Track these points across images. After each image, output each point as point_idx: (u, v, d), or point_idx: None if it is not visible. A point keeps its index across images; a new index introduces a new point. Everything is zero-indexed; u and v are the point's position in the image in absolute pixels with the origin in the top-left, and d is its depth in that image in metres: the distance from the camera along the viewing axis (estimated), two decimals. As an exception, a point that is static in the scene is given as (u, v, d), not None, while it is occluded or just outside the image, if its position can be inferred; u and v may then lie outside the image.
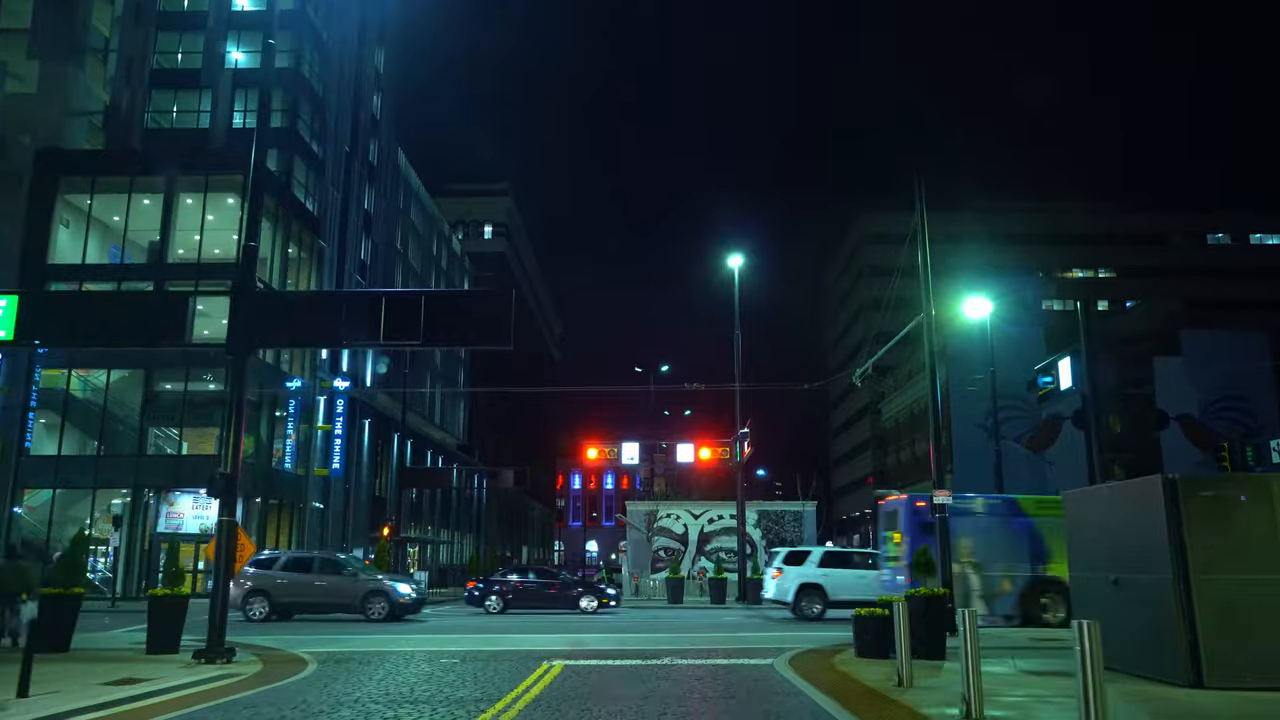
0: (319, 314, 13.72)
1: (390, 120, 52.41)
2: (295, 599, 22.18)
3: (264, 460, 36.24)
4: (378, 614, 21.48)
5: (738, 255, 30.72)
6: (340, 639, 16.10)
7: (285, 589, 22.17)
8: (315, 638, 16.34)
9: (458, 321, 13.26)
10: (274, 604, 21.99)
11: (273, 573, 22.47)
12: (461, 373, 74.29)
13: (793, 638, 16.42)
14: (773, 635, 17.26)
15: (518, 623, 20.90)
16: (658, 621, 21.95)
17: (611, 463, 30.81)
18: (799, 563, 23.64)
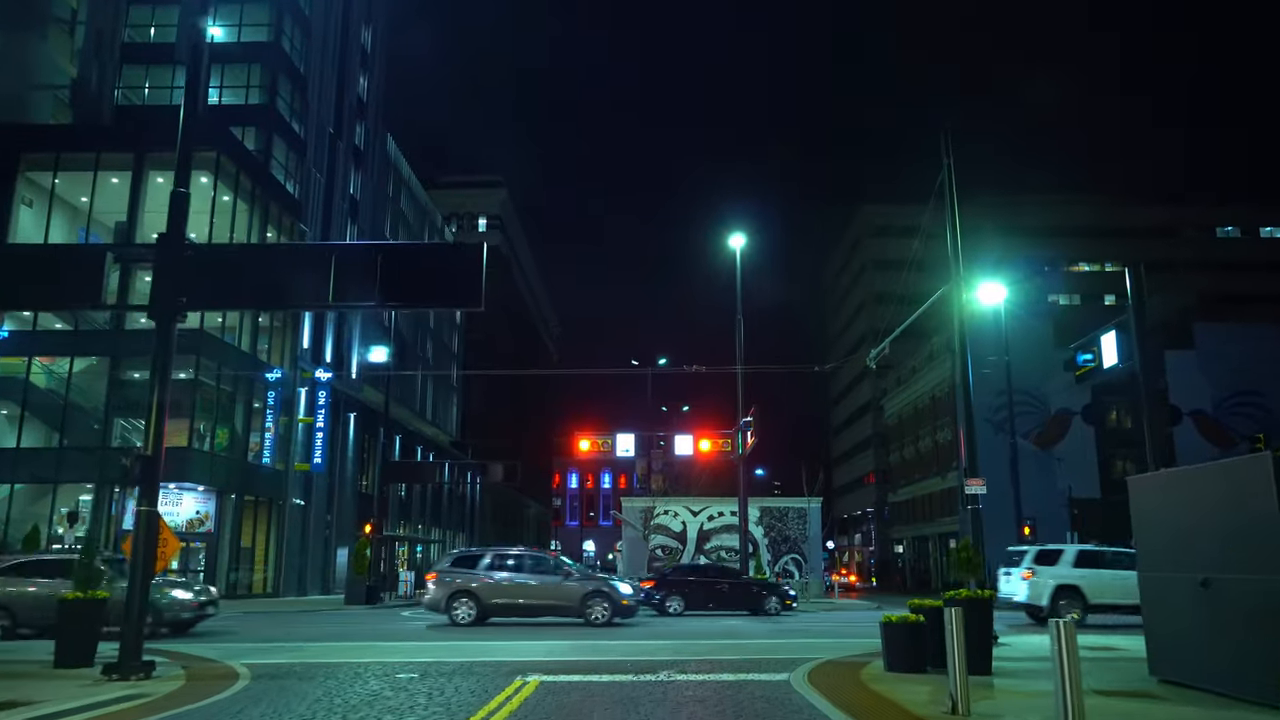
0: (257, 271, 11.81)
1: (378, 102, 50.51)
2: (506, 600, 19.66)
3: (239, 454, 34.36)
4: (600, 617, 18.76)
5: (739, 235, 28.89)
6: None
7: (495, 590, 19.64)
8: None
9: (421, 279, 11.38)
10: (482, 606, 19.54)
11: (478, 571, 19.97)
12: (454, 367, 72.42)
13: (806, 647, 14.58)
14: (782, 644, 15.40)
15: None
16: (656, 626, 20.09)
17: (605, 455, 28.90)
18: (1051, 562, 21.43)
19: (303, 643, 15.23)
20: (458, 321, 73.98)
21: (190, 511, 32.53)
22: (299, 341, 39.43)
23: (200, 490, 32.49)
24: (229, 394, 33.73)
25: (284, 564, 37.30)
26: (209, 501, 33.02)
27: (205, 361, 31.51)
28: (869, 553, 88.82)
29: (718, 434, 28.83)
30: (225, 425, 33.49)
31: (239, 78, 37.44)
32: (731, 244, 28.95)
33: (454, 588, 18.55)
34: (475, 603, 18.53)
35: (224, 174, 33.05)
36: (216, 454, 32.72)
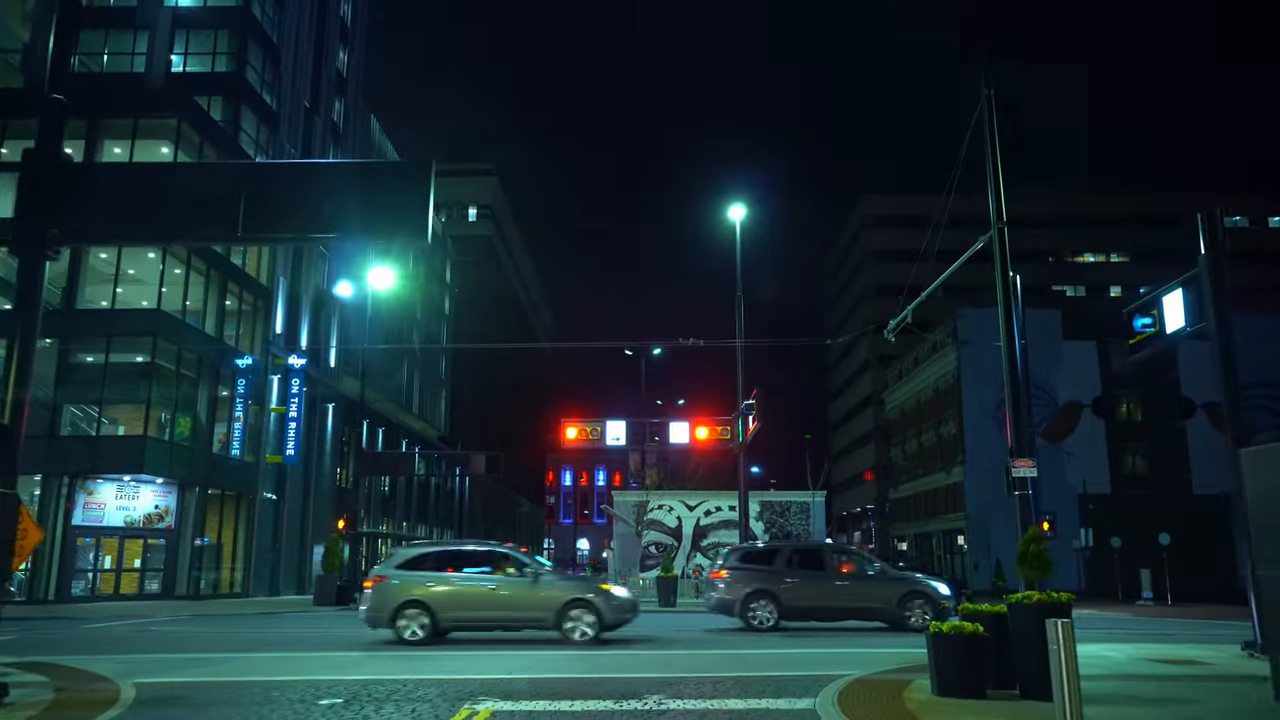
0: (151, 197, 9.51)
1: (359, 78, 48.19)
2: (809, 603, 17.40)
3: (203, 444, 32.07)
4: (919, 622, 16.15)
5: (739, 206, 26.67)
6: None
7: (796, 591, 17.34)
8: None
9: (357, 207, 9.14)
10: (783, 609, 17.22)
11: (775, 568, 17.70)
12: (443, 359, 70.15)
13: (823, 659, 12.39)
14: (795, 655, 13.19)
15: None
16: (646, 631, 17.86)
17: (594, 445, 26.58)
18: None
19: (232, 654, 13.00)
20: (446, 313, 71.71)
21: (148, 506, 30.23)
22: (271, 326, 37.16)
23: (159, 483, 30.21)
24: (191, 379, 31.43)
25: (254, 562, 35.03)
26: (169, 495, 30.74)
27: (163, 343, 29.23)
28: (869, 550, 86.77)
29: (715, 421, 26.62)
30: (187, 413, 31.20)
31: (205, 44, 35.14)
32: (731, 216, 26.76)
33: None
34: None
35: (186, 143, 30.75)
36: (177, 444, 30.43)
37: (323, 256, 42.34)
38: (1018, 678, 8.31)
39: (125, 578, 29.63)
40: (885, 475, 79.76)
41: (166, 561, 30.48)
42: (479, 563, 15.34)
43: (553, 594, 14.61)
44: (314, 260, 41.19)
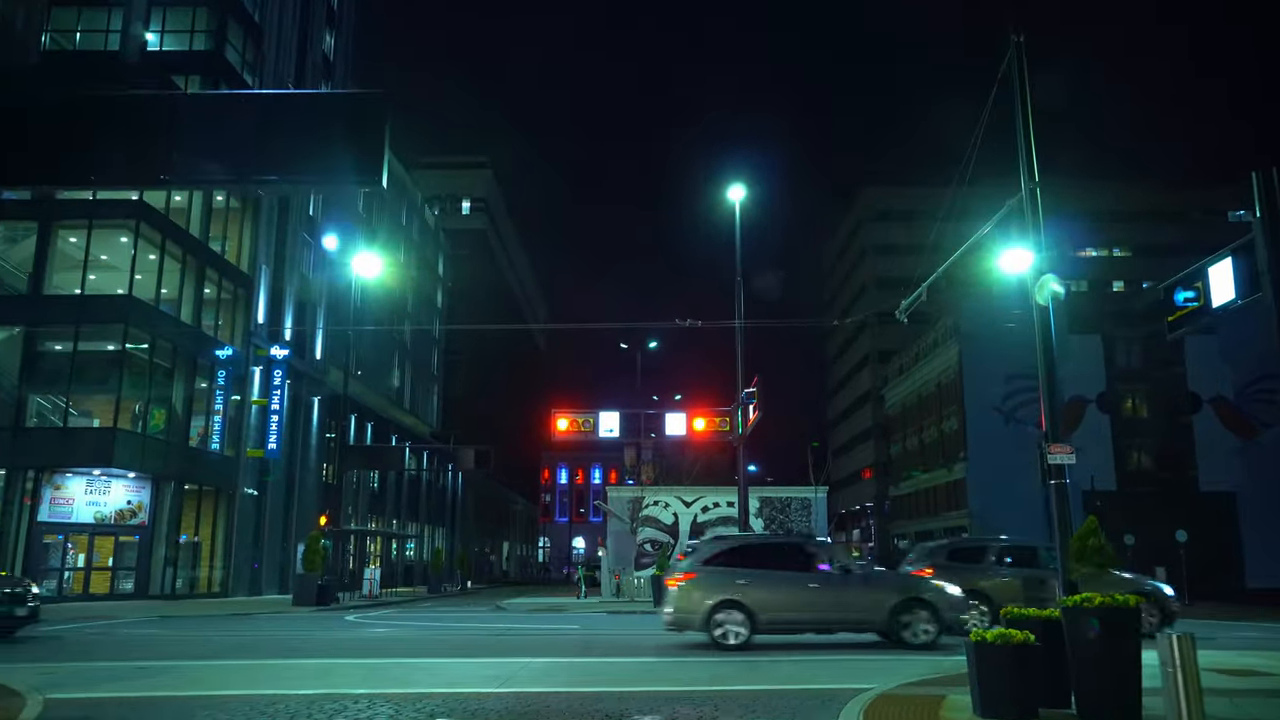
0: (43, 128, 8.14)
1: (346, 62, 46.82)
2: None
3: (179, 437, 30.74)
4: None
5: (739, 186, 25.38)
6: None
7: (1008, 590, 15.04)
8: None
9: (302, 145, 7.82)
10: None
11: (983, 566, 15.87)
12: (435, 353, 68.88)
13: (838, 667, 11.13)
14: (803, 661, 11.91)
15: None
16: (633, 635, 16.61)
17: (586, 437, 25.31)
18: None
19: (183, 661, 11.71)
20: (439, 306, 70.41)
21: (120, 501, 28.91)
22: (253, 316, 35.83)
23: (131, 477, 28.90)
24: (166, 370, 30.09)
25: (234, 561, 33.71)
26: (142, 490, 29.42)
27: (135, 331, 27.91)
28: (868, 549, 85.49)
29: (714, 413, 25.35)
30: (161, 405, 29.86)
31: (183, 22, 33.75)
32: (730, 196, 25.46)
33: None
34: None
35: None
36: (151, 437, 29.10)
37: (307, 244, 41.02)
38: (1075, 695, 7.06)
39: (96, 577, 28.30)
40: (885, 472, 78.56)
41: (140, 560, 29.14)
42: (785, 557, 14.02)
43: (880, 592, 13.32)
44: (298, 248, 39.85)
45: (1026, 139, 11.66)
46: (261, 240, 36.57)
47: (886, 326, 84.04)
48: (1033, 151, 11.59)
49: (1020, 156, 11.60)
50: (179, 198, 31.56)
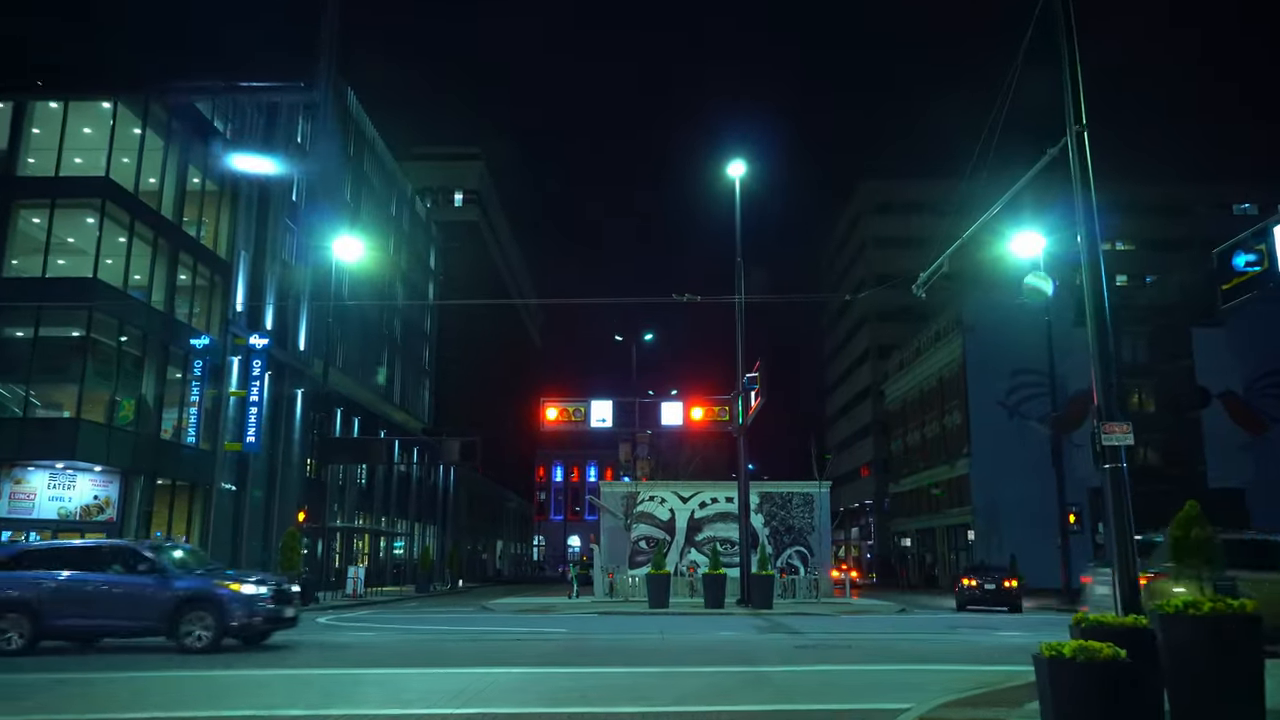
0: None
1: (332, 44, 45.12)
2: None
3: (151, 429, 29.17)
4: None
5: (739, 163, 23.95)
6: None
7: None
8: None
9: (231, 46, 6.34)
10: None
11: None
12: (426, 349, 67.36)
13: (852, 678, 9.68)
14: (818, 673, 10.44)
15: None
16: (625, 638, 15.17)
17: (578, 427, 23.82)
18: None
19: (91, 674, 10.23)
20: (430, 299, 68.87)
21: (86, 496, 27.39)
22: (231, 304, 34.28)
23: (98, 471, 27.37)
24: (135, 358, 28.54)
25: (211, 559, 32.13)
26: (110, 485, 27.88)
27: (101, 317, 26.36)
28: (867, 547, 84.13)
29: (712, 402, 23.90)
30: (130, 395, 28.30)
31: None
32: (730, 173, 24.04)
33: None
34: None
35: (128, 99, 27.86)
36: (119, 428, 27.56)
37: (290, 231, 39.49)
38: None
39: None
40: (885, 469, 77.18)
41: (107, 558, 27.57)
42: None
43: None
44: (280, 234, 38.31)
45: (1073, 73, 10.20)
46: (240, 225, 35.04)
47: (887, 322, 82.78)
48: (1080, 88, 10.15)
49: (1065, 95, 10.15)
50: (152, 179, 30.06)
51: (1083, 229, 9.98)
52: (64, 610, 13.12)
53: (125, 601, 13.13)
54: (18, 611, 13.08)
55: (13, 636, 13.01)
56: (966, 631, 17.45)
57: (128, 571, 13.42)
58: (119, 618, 13.20)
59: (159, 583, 13.16)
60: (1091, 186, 9.95)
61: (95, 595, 13.22)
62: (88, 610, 13.17)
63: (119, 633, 13.40)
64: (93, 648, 13.85)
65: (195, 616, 12.97)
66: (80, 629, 13.39)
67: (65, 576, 13.36)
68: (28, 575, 13.36)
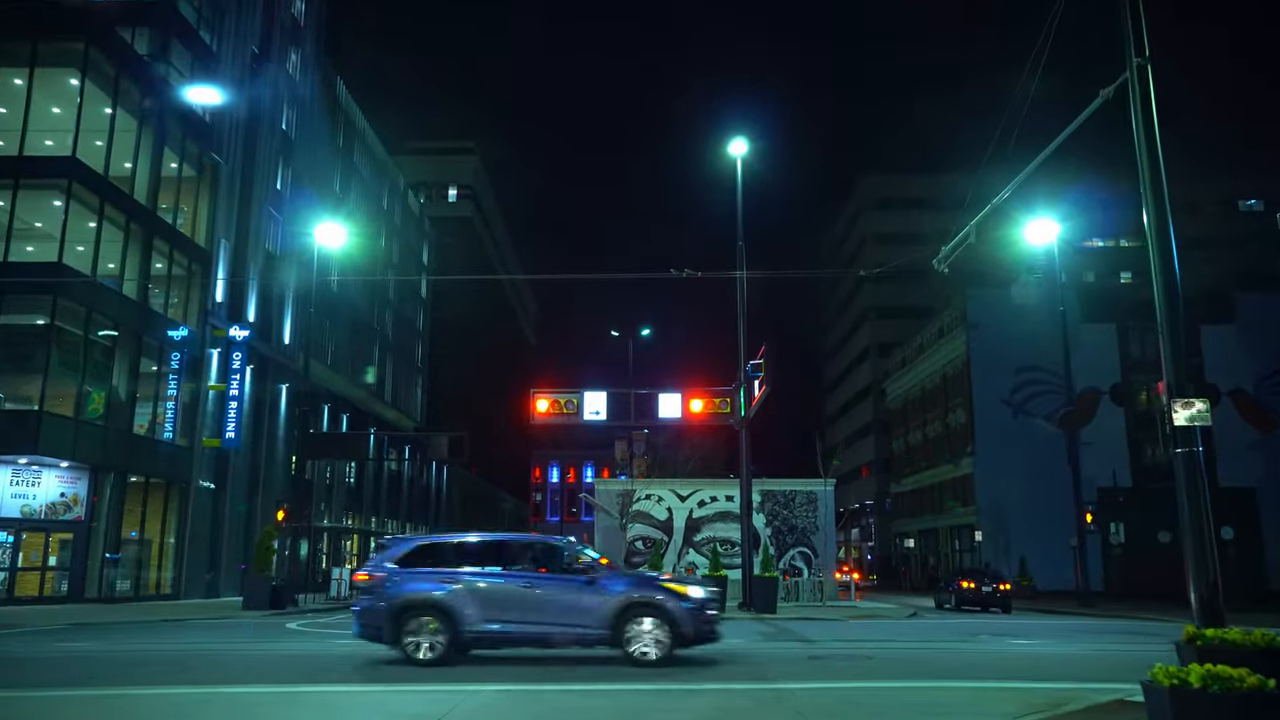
0: None
1: (318, 27, 43.90)
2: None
3: (123, 423, 27.79)
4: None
5: (740, 141, 22.62)
6: None
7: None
8: None
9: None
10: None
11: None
12: (419, 345, 66.00)
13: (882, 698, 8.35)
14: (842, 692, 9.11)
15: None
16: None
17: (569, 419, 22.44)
18: None
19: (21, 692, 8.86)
20: (423, 295, 67.54)
21: (52, 493, 26.03)
22: (210, 294, 32.90)
23: (64, 467, 26.00)
24: (105, 349, 27.16)
25: (187, 560, 30.82)
26: (79, 481, 26.52)
27: (67, 304, 24.99)
28: (867, 548, 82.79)
29: (712, 393, 22.57)
30: (100, 387, 26.92)
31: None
32: (732, 151, 22.71)
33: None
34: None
35: (96, 73, 26.54)
36: (88, 422, 26.18)
37: (273, 220, 38.10)
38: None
39: (23, 578, 25.37)
40: (887, 469, 75.87)
41: (75, 558, 26.22)
42: None
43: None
44: (263, 223, 36.92)
45: (1134, 5, 8.88)
46: (221, 213, 33.67)
47: (887, 319, 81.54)
48: (1141, 15, 8.81)
49: (1124, 23, 8.83)
50: (127, 164, 28.69)
51: (1146, 179, 8.65)
52: (488, 614, 11.08)
53: (559, 606, 11.18)
54: (430, 615, 11.01)
55: (423, 643, 10.94)
56: (986, 639, 16.14)
57: (560, 571, 11.52)
58: (559, 623, 11.14)
59: (596, 584, 11.24)
60: (1156, 129, 8.62)
61: (528, 598, 11.25)
62: (518, 615, 11.11)
63: (553, 641, 11.29)
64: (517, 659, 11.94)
65: (641, 623, 10.97)
66: (509, 636, 11.28)
67: (485, 574, 11.35)
68: (441, 573, 11.34)
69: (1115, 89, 9.04)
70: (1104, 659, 12.74)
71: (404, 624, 10.97)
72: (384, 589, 11.27)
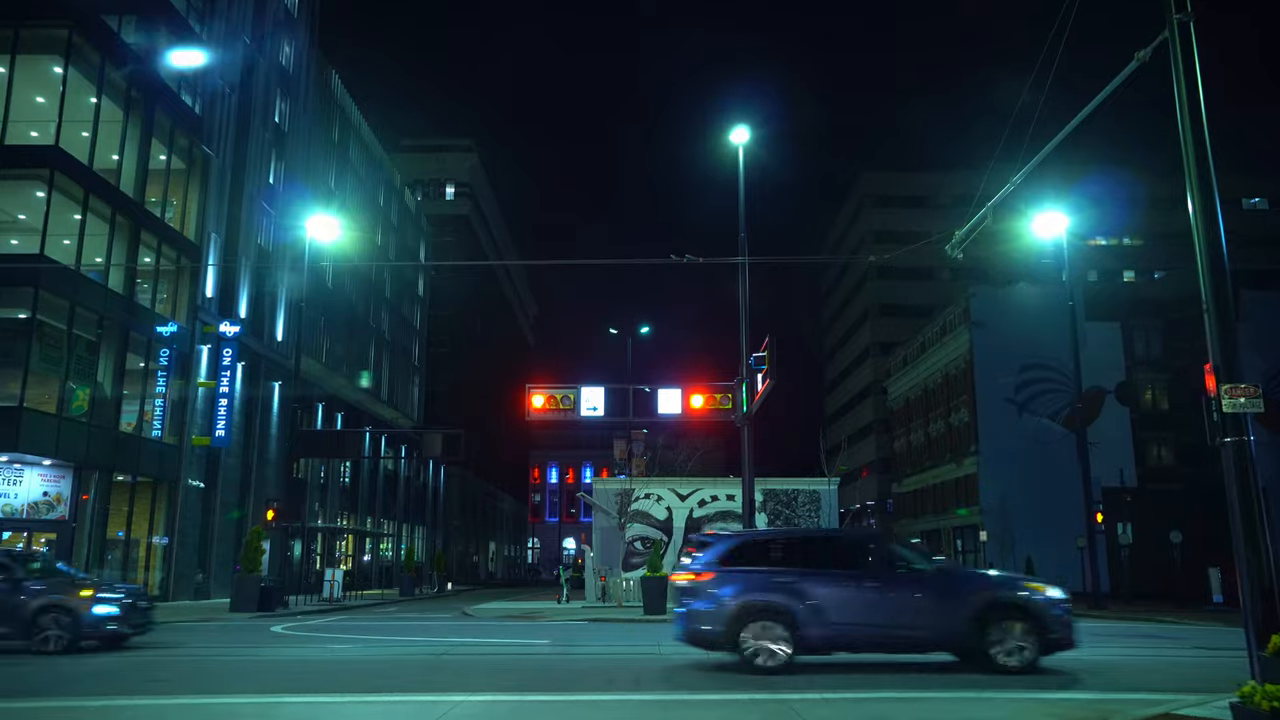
0: None
1: (311, 19, 43.23)
2: None
3: (108, 420, 27.08)
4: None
5: (742, 129, 21.93)
6: None
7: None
8: None
9: None
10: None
11: None
12: (416, 344, 65.30)
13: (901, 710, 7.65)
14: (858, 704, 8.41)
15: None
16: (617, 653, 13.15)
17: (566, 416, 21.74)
18: None
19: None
20: (420, 294, 66.87)
21: (34, 492, 25.32)
22: (200, 289, 32.23)
23: (47, 465, 25.29)
24: (90, 344, 26.43)
25: (175, 561, 30.12)
26: (62, 480, 25.80)
27: (50, 298, 24.28)
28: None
29: (713, 389, 21.89)
30: (84, 383, 26.19)
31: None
32: (733, 139, 22.01)
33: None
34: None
35: (80, 60, 25.84)
36: (71, 419, 25.46)
37: (266, 214, 37.41)
38: None
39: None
40: (888, 469, 75.18)
41: (57, 559, 25.40)
42: None
43: None
44: (255, 217, 36.24)
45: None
46: (211, 206, 32.98)
47: (889, 317, 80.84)
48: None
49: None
50: (114, 156, 28.01)
51: (1189, 148, 7.94)
52: (827, 616, 10.20)
53: (904, 607, 10.30)
54: (770, 618, 10.12)
55: (764, 648, 10.07)
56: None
57: (898, 570, 10.63)
58: (903, 626, 10.23)
59: (947, 583, 10.46)
60: (1200, 92, 7.93)
61: (871, 598, 10.39)
62: (861, 617, 10.25)
63: (897, 645, 10.40)
64: None
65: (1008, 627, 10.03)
66: (850, 640, 10.39)
67: (825, 574, 10.51)
68: (777, 572, 10.48)
69: (1152, 50, 8.36)
70: (1131, 665, 12.05)
71: (741, 628, 10.15)
72: (714, 590, 10.41)
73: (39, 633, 12.72)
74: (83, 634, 12.93)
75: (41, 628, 12.76)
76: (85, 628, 12.92)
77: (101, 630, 13.07)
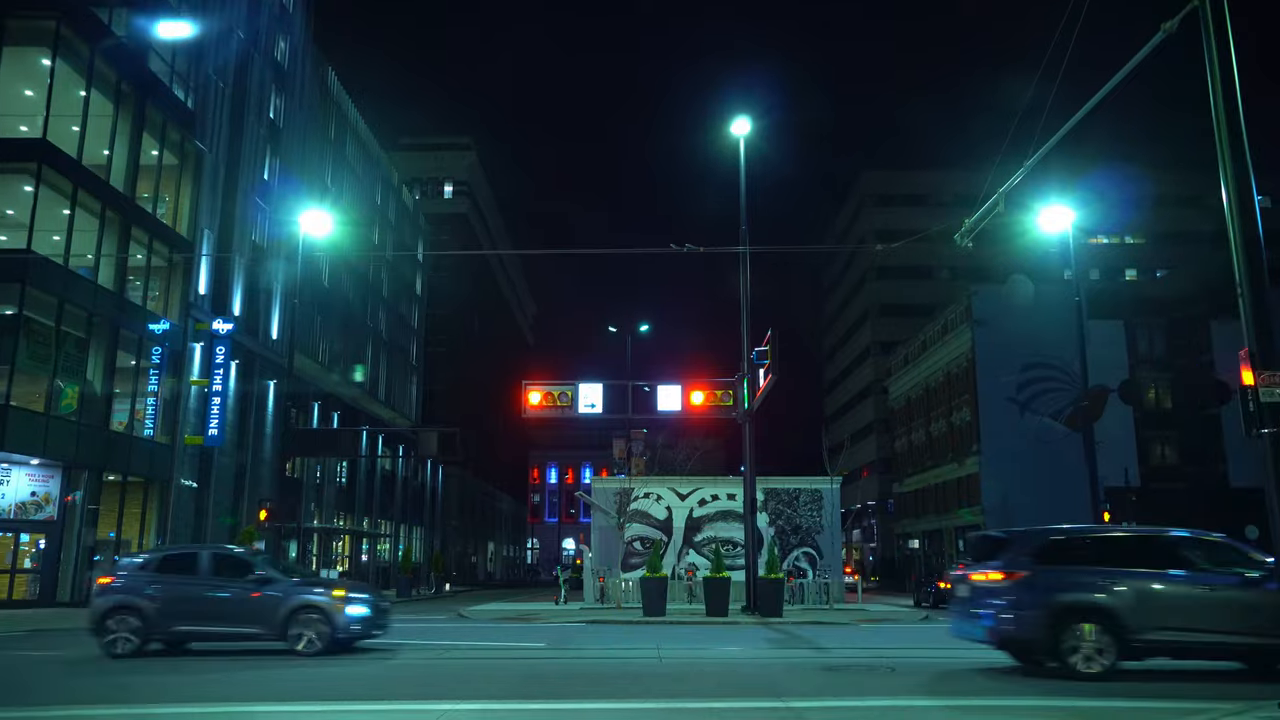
0: None
1: (306, 15, 42.76)
2: None
3: (98, 419, 26.62)
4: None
5: (743, 120, 21.49)
6: None
7: None
8: None
9: None
10: None
11: None
12: (414, 344, 64.83)
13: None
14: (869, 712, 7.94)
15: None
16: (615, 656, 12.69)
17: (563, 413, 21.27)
18: None
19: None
20: (418, 293, 66.40)
21: (22, 492, 24.89)
22: (193, 286, 31.76)
23: (36, 464, 24.85)
24: (80, 341, 25.99)
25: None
26: (51, 480, 25.37)
27: (36, 293, 23.83)
28: (869, 549, 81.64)
29: (713, 385, 21.43)
30: (74, 381, 25.73)
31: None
32: (734, 130, 21.57)
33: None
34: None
35: (69, 52, 25.39)
36: (61, 418, 25.02)
37: (260, 210, 36.95)
38: None
39: (12, 581, 24.20)
40: (888, 469, 74.73)
41: (46, 560, 25.08)
42: None
43: None
44: (250, 213, 35.78)
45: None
46: (204, 202, 32.51)
47: (889, 316, 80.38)
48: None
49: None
50: (105, 151, 27.58)
51: (1221, 121, 7.51)
52: (1158, 620, 9.68)
53: (1244, 611, 9.73)
54: (1094, 620, 9.65)
55: (1085, 653, 9.64)
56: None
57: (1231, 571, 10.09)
58: (1241, 632, 9.68)
59: None
60: (1233, 61, 7.49)
61: (1206, 600, 9.82)
62: (1197, 621, 9.75)
63: (1236, 652, 9.94)
64: None
65: None
66: (1185, 646, 9.93)
67: (1159, 575, 9.93)
68: (1104, 572, 9.89)
69: (1179, 21, 7.91)
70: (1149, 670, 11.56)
71: (1063, 631, 9.60)
72: (1031, 590, 9.82)
73: (293, 633, 12.18)
74: (337, 637, 12.31)
75: (297, 629, 12.22)
76: (338, 631, 12.29)
77: (351, 631, 12.50)
